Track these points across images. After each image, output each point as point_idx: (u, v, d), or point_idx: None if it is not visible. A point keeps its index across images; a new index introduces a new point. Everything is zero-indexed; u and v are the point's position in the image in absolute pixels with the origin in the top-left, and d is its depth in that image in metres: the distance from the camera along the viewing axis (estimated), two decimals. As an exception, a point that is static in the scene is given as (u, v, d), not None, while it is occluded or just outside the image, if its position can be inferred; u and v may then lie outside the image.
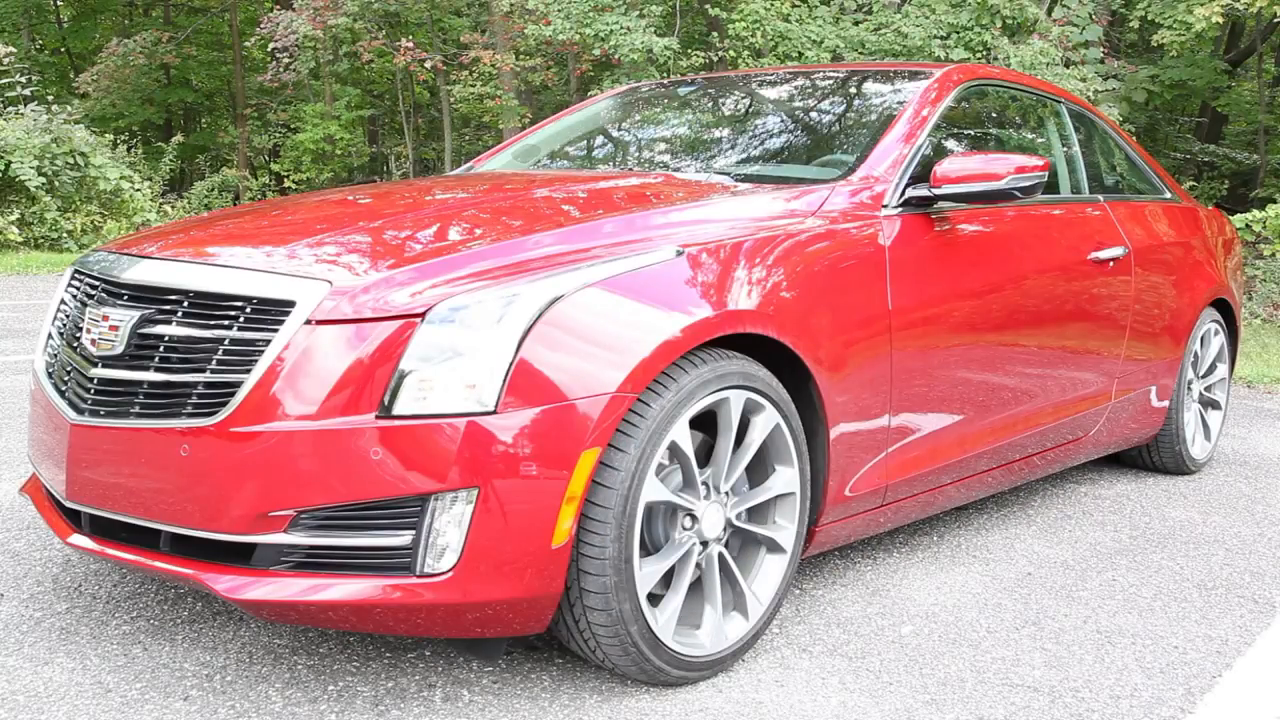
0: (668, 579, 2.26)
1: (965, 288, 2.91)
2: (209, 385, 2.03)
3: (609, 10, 11.28)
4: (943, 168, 2.80)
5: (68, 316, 2.45)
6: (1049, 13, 10.98)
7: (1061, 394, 3.39)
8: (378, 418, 1.94)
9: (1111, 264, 3.55)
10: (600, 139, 3.88)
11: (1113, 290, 3.57)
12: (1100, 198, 3.77)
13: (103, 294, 2.29)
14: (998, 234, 3.10)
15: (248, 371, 1.99)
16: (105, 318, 2.19)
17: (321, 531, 1.96)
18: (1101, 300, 3.52)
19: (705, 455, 2.32)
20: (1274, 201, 10.22)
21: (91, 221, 12.58)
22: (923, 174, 2.86)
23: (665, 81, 4.35)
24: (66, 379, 2.32)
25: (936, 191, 2.80)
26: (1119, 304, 3.61)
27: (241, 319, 2.05)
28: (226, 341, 2.04)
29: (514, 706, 2.15)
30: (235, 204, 17.93)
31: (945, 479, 2.96)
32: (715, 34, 12.25)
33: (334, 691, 2.19)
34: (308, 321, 1.99)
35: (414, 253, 2.17)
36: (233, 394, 1.99)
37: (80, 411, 2.20)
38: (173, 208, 15.56)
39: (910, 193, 2.82)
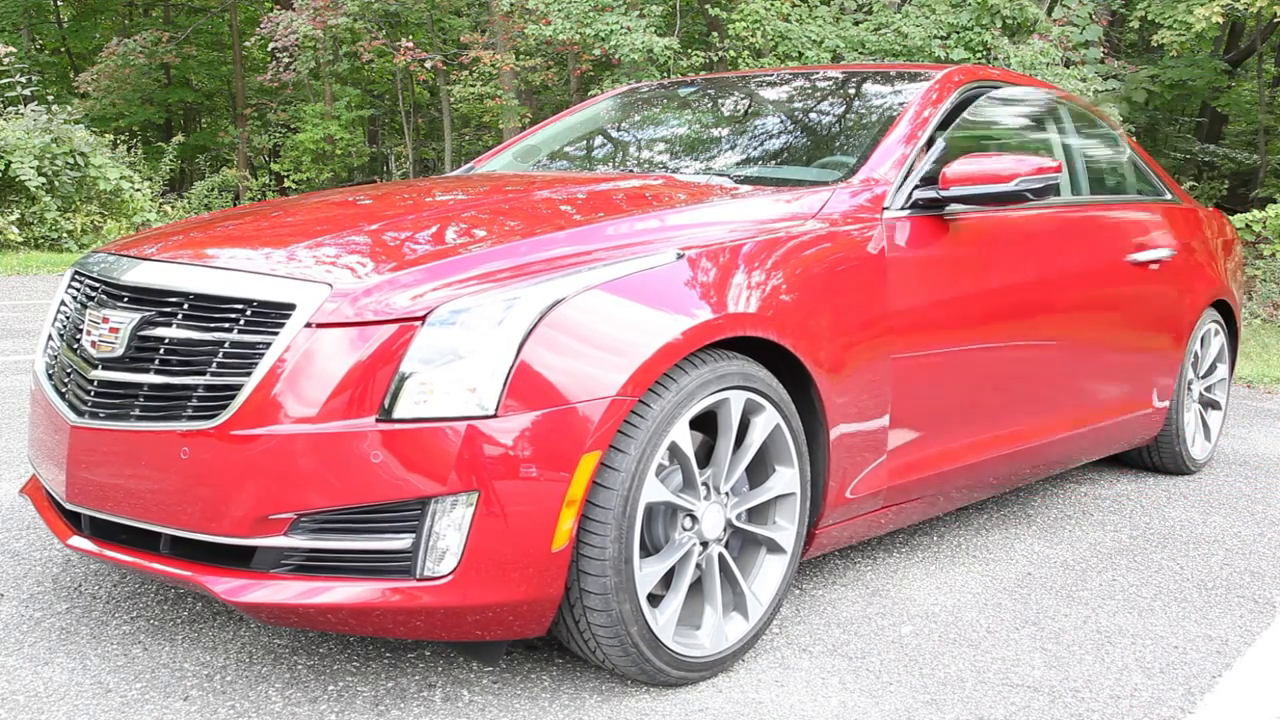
0: (668, 579, 2.26)
1: (969, 290, 2.90)
2: (209, 388, 2.03)
3: (609, 10, 11.27)
4: (951, 169, 2.78)
5: (68, 318, 2.45)
6: (1049, 13, 10.96)
7: (1076, 400, 3.39)
8: (378, 421, 1.94)
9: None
10: (600, 140, 3.88)
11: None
12: (1101, 199, 3.78)
13: (103, 296, 2.29)
14: (1004, 237, 3.09)
15: (248, 374, 1.99)
16: (105, 320, 2.19)
17: (321, 534, 1.96)
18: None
19: (705, 456, 2.32)
20: (1274, 201, 10.22)
21: (91, 221, 12.59)
22: (929, 176, 2.84)
23: (665, 82, 4.34)
24: (66, 381, 2.32)
25: (945, 193, 2.78)
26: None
27: (242, 322, 2.04)
28: (227, 344, 2.04)
29: (514, 706, 2.15)
30: (235, 204, 17.94)
31: (948, 482, 2.96)
32: (715, 34, 12.23)
33: (334, 691, 2.19)
34: (308, 324, 1.98)
35: (414, 255, 2.17)
36: (233, 397, 1.99)
37: (80, 413, 2.20)
38: (173, 208, 15.58)
39: (918, 195, 2.81)
